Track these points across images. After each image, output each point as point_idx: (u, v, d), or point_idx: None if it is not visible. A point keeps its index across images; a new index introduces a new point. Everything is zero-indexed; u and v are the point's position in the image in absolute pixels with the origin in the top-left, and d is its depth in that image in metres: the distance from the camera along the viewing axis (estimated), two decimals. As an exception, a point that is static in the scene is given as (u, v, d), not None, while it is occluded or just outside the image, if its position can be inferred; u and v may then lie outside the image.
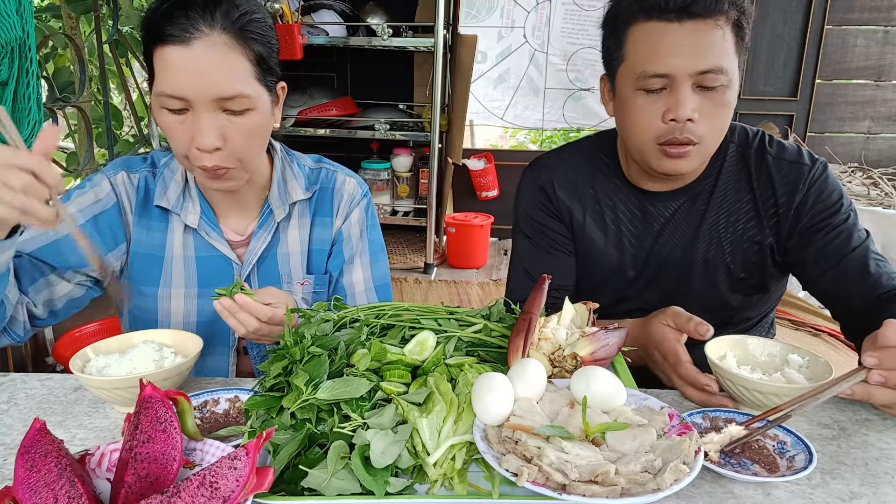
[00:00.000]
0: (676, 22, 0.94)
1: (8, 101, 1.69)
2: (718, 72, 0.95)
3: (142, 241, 1.11)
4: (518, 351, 0.79)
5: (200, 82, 0.92)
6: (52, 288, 1.04)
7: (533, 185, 1.24)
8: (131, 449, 0.63)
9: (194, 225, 1.10)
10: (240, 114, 0.97)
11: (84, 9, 2.36)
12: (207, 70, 0.92)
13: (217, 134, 0.95)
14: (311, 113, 3.65)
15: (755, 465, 0.74)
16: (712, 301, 1.17)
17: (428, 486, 0.67)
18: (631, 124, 1.03)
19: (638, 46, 0.99)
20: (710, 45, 0.94)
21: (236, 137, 0.97)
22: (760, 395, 0.82)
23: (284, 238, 1.16)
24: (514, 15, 4.14)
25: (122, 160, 1.12)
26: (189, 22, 0.91)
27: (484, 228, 3.89)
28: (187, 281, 1.11)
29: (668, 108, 0.98)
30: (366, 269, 1.21)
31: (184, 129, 0.96)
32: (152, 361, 0.87)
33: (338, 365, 0.78)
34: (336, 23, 3.59)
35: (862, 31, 3.90)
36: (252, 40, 0.96)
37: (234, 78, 0.95)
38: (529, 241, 1.25)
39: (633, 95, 1.00)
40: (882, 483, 0.72)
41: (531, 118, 4.33)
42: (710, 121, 0.99)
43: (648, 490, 0.59)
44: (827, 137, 4.01)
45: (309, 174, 1.19)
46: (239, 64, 0.95)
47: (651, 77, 0.97)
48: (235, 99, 0.95)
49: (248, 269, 1.13)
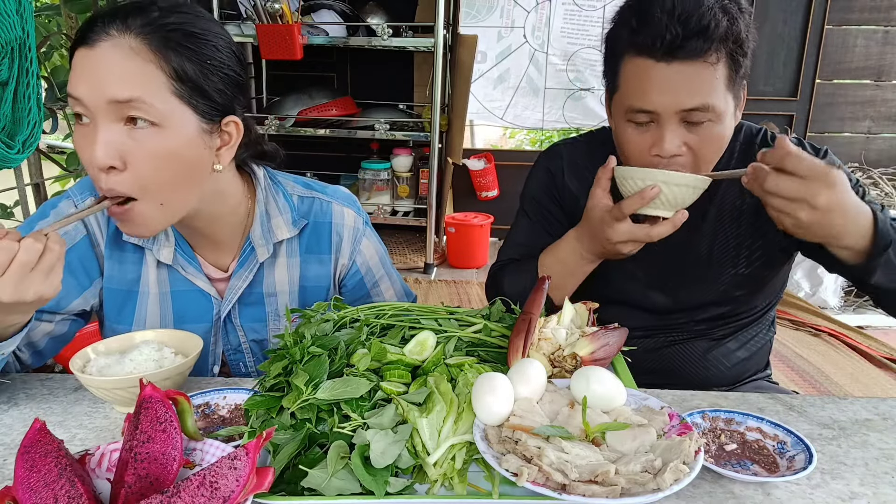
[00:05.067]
0: (664, 62, 0.94)
1: (8, 101, 1.69)
2: (704, 109, 0.95)
3: (114, 276, 1.03)
4: (518, 351, 0.79)
5: (93, 81, 0.82)
6: (32, 331, 0.97)
7: (544, 168, 1.26)
8: (131, 449, 0.63)
9: (168, 261, 1.02)
10: (142, 128, 0.83)
11: (84, 8, 2.36)
12: (103, 70, 0.82)
13: (112, 149, 0.82)
14: (311, 113, 3.65)
15: (755, 465, 0.74)
16: (714, 295, 1.17)
17: (428, 486, 0.67)
18: (622, 150, 1.05)
19: (628, 80, 0.99)
20: (697, 84, 0.94)
21: (137, 159, 0.84)
22: (666, 186, 0.93)
23: (270, 277, 1.08)
24: (514, 15, 4.14)
25: (89, 181, 1.00)
26: (102, 27, 0.84)
27: (484, 228, 3.89)
28: (163, 319, 1.04)
29: (653, 142, 0.98)
30: (395, 284, 1.22)
31: (86, 144, 0.84)
32: (152, 361, 0.87)
33: (338, 365, 0.78)
34: (336, 23, 3.59)
35: (862, 31, 3.90)
36: (175, 52, 0.85)
37: (131, 81, 0.82)
38: (528, 219, 1.27)
39: (624, 126, 1.02)
40: (882, 483, 0.73)
41: (531, 118, 4.33)
42: (699, 152, 0.99)
43: (648, 490, 0.59)
44: (827, 137, 4.01)
45: (298, 205, 1.09)
46: (145, 70, 0.83)
47: (637, 112, 0.98)
48: (131, 103, 0.82)
49: (229, 306, 1.06)
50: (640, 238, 0.98)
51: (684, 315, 1.20)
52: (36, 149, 1.86)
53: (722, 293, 1.17)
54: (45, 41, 2.29)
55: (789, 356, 2.84)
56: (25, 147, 1.77)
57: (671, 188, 0.94)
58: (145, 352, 0.88)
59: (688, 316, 1.20)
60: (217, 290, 1.06)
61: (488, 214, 3.98)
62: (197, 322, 1.06)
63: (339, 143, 4.24)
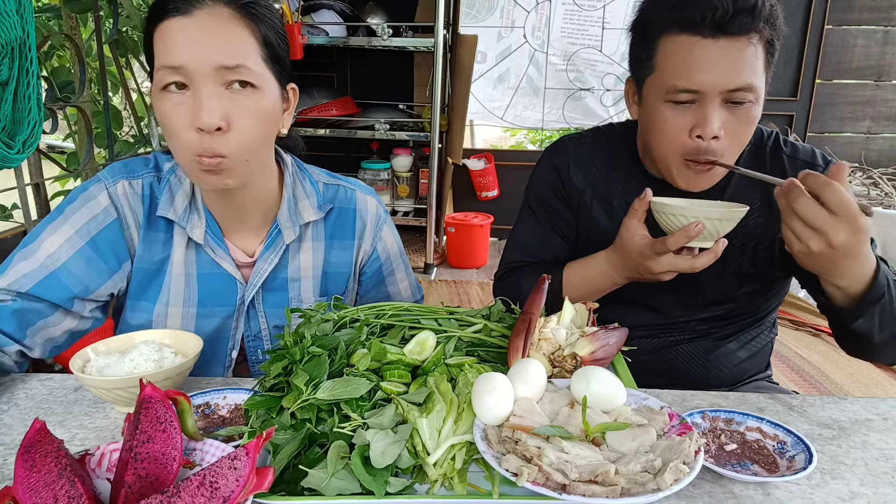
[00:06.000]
0: (710, 38, 0.94)
1: (8, 101, 1.70)
2: (748, 90, 0.95)
3: (145, 256, 1.03)
4: (518, 351, 0.79)
5: (201, 49, 0.87)
6: (54, 327, 0.98)
7: (549, 164, 1.25)
8: (131, 449, 0.63)
9: (199, 240, 1.03)
10: (244, 91, 0.90)
11: (84, 8, 2.36)
12: (209, 37, 0.87)
13: (220, 111, 0.88)
14: (311, 113, 3.66)
15: (755, 465, 0.74)
16: (718, 294, 1.17)
17: (428, 486, 0.67)
18: (657, 134, 1.03)
19: (669, 59, 0.98)
20: (742, 62, 0.94)
21: (241, 118, 0.90)
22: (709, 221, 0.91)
23: (295, 262, 1.10)
24: (514, 15, 4.14)
25: (120, 165, 1.04)
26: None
27: (484, 228, 3.89)
28: (187, 299, 1.05)
29: (695, 123, 0.98)
30: (409, 276, 1.26)
31: (183, 110, 0.88)
32: (152, 361, 0.87)
33: (338, 365, 0.78)
34: (336, 23, 3.59)
35: (862, 31, 3.90)
36: (258, 20, 0.92)
37: (237, 48, 0.89)
38: (533, 216, 1.26)
39: (661, 107, 1.00)
40: (882, 483, 0.73)
41: (531, 118, 4.34)
42: (734, 138, 0.99)
43: (648, 490, 0.59)
44: (827, 137, 4.01)
45: (324, 191, 1.13)
46: (243, 36, 0.90)
47: (681, 91, 0.97)
48: (238, 69, 0.88)
49: (253, 290, 1.07)
50: (684, 269, 0.96)
51: (687, 314, 1.20)
52: (36, 149, 1.86)
53: (726, 291, 1.17)
54: (45, 41, 2.29)
55: (789, 356, 2.84)
56: (25, 147, 1.77)
57: (713, 222, 0.92)
58: (145, 352, 0.88)
59: (691, 314, 1.20)
60: (242, 275, 1.07)
61: (488, 214, 3.98)
62: (220, 305, 1.07)
63: (339, 143, 4.24)
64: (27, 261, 0.96)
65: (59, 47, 2.60)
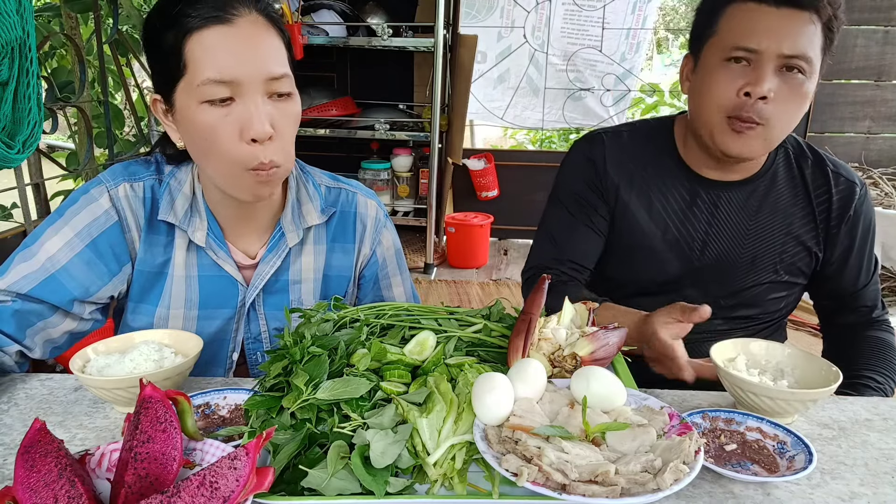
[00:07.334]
0: (774, 6, 0.99)
1: (8, 101, 1.70)
2: (804, 59, 1.00)
3: (146, 258, 1.03)
4: (518, 351, 0.79)
5: (250, 61, 0.86)
6: (54, 328, 0.98)
7: (583, 156, 1.23)
8: (131, 449, 0.63)
9: (201, 242, 1.02)
10: (285, 99, 0.91)
11: (84, 8, 2.36)
12: (255, 48, 0.87)
13: (268, 121, 0.88)
14: (311, 113, 3.65)
15: (755, 465, 0.74)
16: (747, 297, 1.18)
17: (428, 486, 0.67)
18: (706, 93, 1.06)
19: (732, 23, 1.03)
20: (802, 33, 0.99)
21: (285, 126, 0.91)
22: (770, 400, 0.80)
23: (296, 264, 1.10)
24: (514, 15, 4.14)
25: (122, 167, 1.03)
26: (229, 3, 0.87)
27: (484, 228, 3.89)
28: (188, 302, 1.05)
29: (747, 81, 1.01)
30: (406, 283, 1.25)
31: (230, 122, 0.87)
32: (152, 361, 0.87)
33: (338, 365, 0.78)
34: (336, 23, 3.59)
35: (862, 31, 3.90)
36: (280, 26, 0.93)
37: (279, 57, 0.90)
38: (565, 210, 1.24)
39: (717, 66, 1.04)
40: (882, 483, 0.72)
41: (531, 118, 4.34)
42: (783, 105, 1.02)
43: (648, 490, 0.59)
44: (827, 137, 4.01)
45: (326, 195, 1.13)
46: (279, 45, 0.91)
47: (739, 49, 1.01)
48: (283, 79, 0.89)
49: (255, 293, 1.06)
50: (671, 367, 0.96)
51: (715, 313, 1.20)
52: (36, 149, 1.86)
53: (756, 297, 1.18)
54: (45, 41, 2.29)
55: (789, 356, 2.84)
56: (25, 147, 1.77)
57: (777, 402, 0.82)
58: (145, 352, 0.88)
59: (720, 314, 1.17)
60: (244, 277, 1.07)
61: (488, 214, 3.98)
62: (221, 307, 1.06)
63: (339, 143, 4.23)
64: (27, 262, 0.96)
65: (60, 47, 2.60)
